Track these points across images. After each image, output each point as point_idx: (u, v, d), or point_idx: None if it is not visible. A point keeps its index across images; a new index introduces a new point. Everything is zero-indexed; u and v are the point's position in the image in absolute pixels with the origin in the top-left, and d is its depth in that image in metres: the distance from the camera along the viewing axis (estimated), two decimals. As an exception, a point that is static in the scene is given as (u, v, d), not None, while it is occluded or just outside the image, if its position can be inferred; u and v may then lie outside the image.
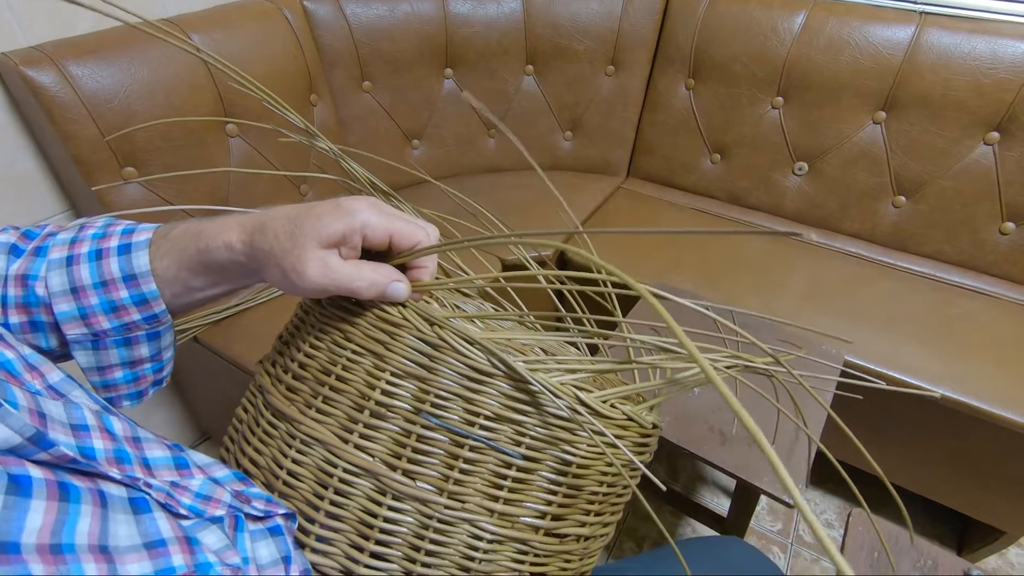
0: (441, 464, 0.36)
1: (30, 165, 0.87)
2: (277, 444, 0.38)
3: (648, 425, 0.42)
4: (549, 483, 0.38)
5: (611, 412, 0.39)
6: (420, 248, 0.37)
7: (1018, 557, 1.17)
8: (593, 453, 0.39)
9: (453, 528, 0.36)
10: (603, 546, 0.44)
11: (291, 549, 0.35)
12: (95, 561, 0.24)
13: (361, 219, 0.34)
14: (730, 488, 1.28)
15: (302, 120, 0.49)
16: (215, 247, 0.36)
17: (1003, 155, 1.08)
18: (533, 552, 0.38)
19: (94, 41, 0.84)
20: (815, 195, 1.28)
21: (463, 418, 0.36)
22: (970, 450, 0.98)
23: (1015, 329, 1.05)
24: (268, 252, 0.34)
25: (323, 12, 1.16)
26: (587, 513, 0.41)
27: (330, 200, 0.35)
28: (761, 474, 0.74)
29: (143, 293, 0.36)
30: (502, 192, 1.38)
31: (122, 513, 0.26)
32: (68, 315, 0.36)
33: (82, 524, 0.24)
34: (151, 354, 0.40)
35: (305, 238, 0.33)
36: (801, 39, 1.18)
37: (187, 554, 0.28)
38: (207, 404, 1.23)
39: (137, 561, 0.25)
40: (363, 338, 0.37)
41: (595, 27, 1.32)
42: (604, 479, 0.40)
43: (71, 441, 0.28)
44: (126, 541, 0.26)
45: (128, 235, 0.37)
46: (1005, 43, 1.03)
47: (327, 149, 0.50)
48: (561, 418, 0.37)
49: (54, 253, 0.37)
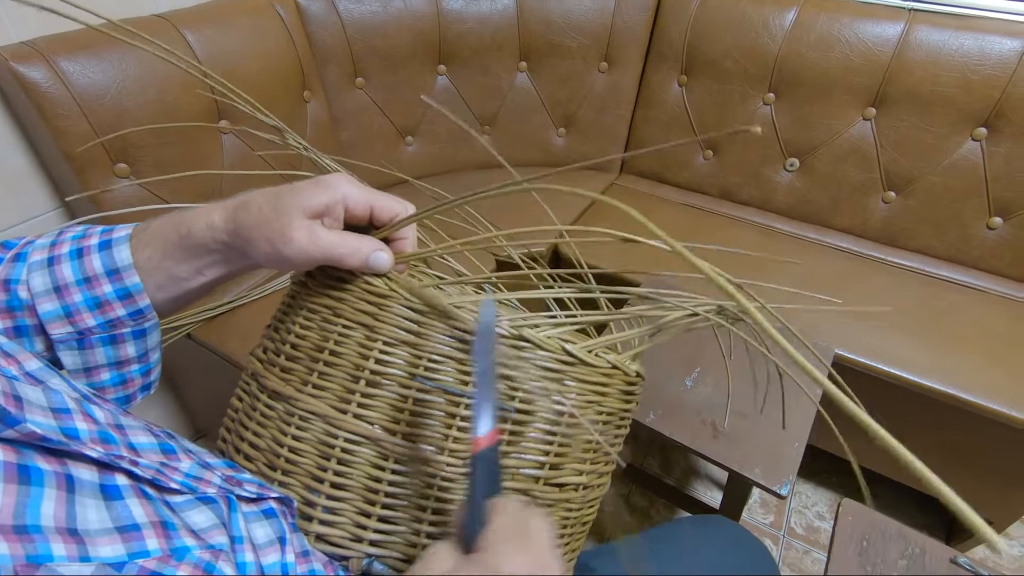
0: (440, 424, 0.37)
1: (21, 162, 0.87)
2: (276, 424, 0.39)
3: (632, 373, 0.43)
4: (544, 434, 0.39)
5: (596, 361, 0.40)
6: (399, 219, 0.38)
7: (1005, 547, 1.19)
8: (582, 403, 0.40)
9: (456, 485, 0.37)
10: (600, 496, 0.45)
11: (287, 531, 0.35)
12: (64, 542, 0.23)
13: (343, 191, 0.36)
14: (723, 481, 1.29)
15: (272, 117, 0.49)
16: (197, 229, 0.36)
17: (990, 151, 1.10)
18: (535, 503, 0.40)
19: (85, 37, 0.83)
20: (806, 191, 1.29)
21: (456, 378, 0.37)
22: (958, 441, 1.00)
23: (1003, 322, 1.06)
24: (253, 226, 0.35)
25: (316, 8, 1.16)
26: (583, 462, 0.42)
27: (310, 179, 0.36)
28: (752, 465, 0.75)
29: (127, 287, 0.36)
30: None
31: (91, 498, 0.26)
32: (52, 314, 0.36)
33: (46, 507, 0.24)
34: (138, 354, 0.40)
35: (290, 208, 0.35)
36: (792, 35, 1.19)
37: (162, 538, 0.27)
38: (201, 401, 1.23)
39: (110, 544, 0.25)
40: (353, 311, 0.38)
41: (588, 24, 1.33)
42: (595, 428, 0.42)
43: (52, 423, 0.27)
44: (96, 525, 0.25)
45: (108, 233, 0.37)
46: (992, 39, 1.05)
47: (298, 146, 0.51)
48: (550, 369, 0.38)
49: (34, 256, 0.36)
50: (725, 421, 0.80)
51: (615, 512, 1.25)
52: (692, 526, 0.62)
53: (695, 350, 0.91)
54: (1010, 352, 1.00)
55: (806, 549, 1.18)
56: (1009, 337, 1.03)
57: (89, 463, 0.28)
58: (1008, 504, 1.02)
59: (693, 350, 0.91)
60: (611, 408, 0.43)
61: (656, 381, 0.86)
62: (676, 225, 1.31)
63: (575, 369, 0.39)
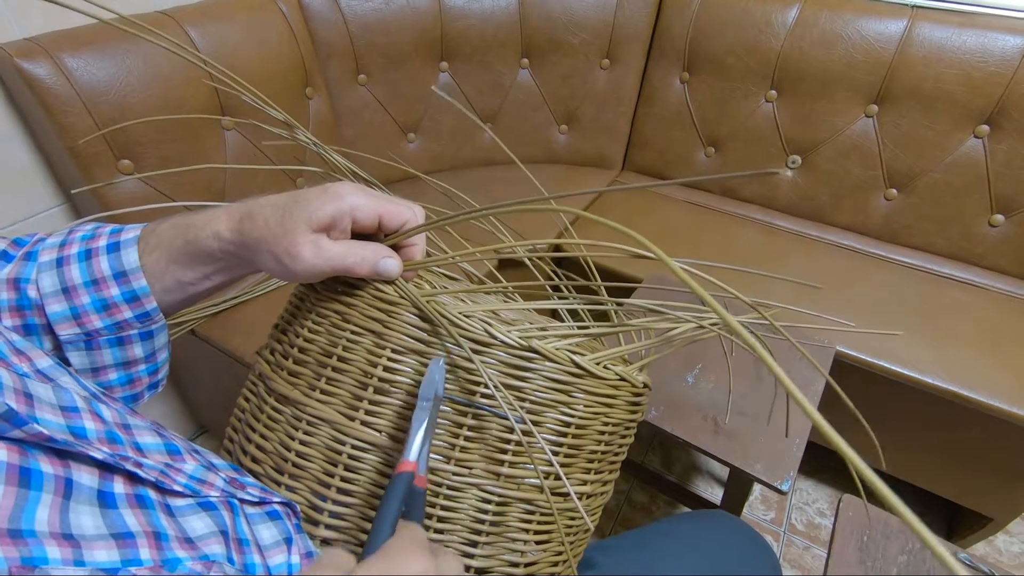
0: (447, 433, 0.37)
1: (25, 158, 0.87)
2: (283, 428, 0.39)
3: (639, 384, 0.43)
4: (551, 444, 0.39)
5: (604, 373, 0.40)
6: (408, 228, 0.37)
7: (1005, 544, 1.19)
8: (589, 414, 0.40)
9: (462, 493, 0.38)
10: (604, 504, 0.46)
11: (292, 532, 0.35)
12: (59, 546, 0.24)
13: (349, 201, 0.35)
14: (724, 478, 1.30)
15: (282, 112, 0.49)
16: (203, 237, 0.36)
17: (993, 148, 1.10)
18: (540, 511, 0.40)
19: (89, 33, 0.83)
20: (808, 188, 1.29)
21: (464, 388, 0.37)
22: (959, 438, 1.00)
23: (1004, 320, 1.06)
24: (259, 239, 0.35)
25: (318, 5, 1.16)
26: (588, 472, 0.42)
27: (317, 186, 0.36)
28: (753, 461, 0.75)
29: (134, 290, 0.37)
30: (498, 185, 1.38)
31: (87, 505, 0.26)
32: (60, 315, 0.36)
33: (40, 512, 0.24)
34: (145, 355, 0.40)
35: (295, 223, 0.34)
36: (794, 32, 1.18)
37: (154, 549, 0.27)
38: (205, 398, 1.24)
39: (105, 549, 0.25)
40: (362, 318, 0.38)
41: (590, 20, 1.33)
42: (601, 438, 0.42)
43: (60, 421, 0.28)
44: (92, 530, 0.26)
45: (117, 234, 0.37)
46: (994, 37, 1.05)
47: (307, 141, 0.51)
48: (558, 381, 0.38)
49: (44, 256, 0.37)
50: (726, 418, 0.81)
51: (617, 508, 1.26)
52: (693, 520, 0.62)
53: (696, 347, 0.91)
54: (1012, 349, 1.00)
55: (807, 545, 1.19)
56: (1011, 334, 1.03)
57: (91, 466, 0.28)
58: (1009, 501, 1.03)
59: (694, 347, 0.91)
60: (617, 419, 0.43)
61: (658, 378, 0.86)
62: (678, 223, 1.31)
63: (584, 381, 0.39)
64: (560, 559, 0.42)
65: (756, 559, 0.59)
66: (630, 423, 0.45)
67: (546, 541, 0.41)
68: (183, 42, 0.93)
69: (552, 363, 0.38)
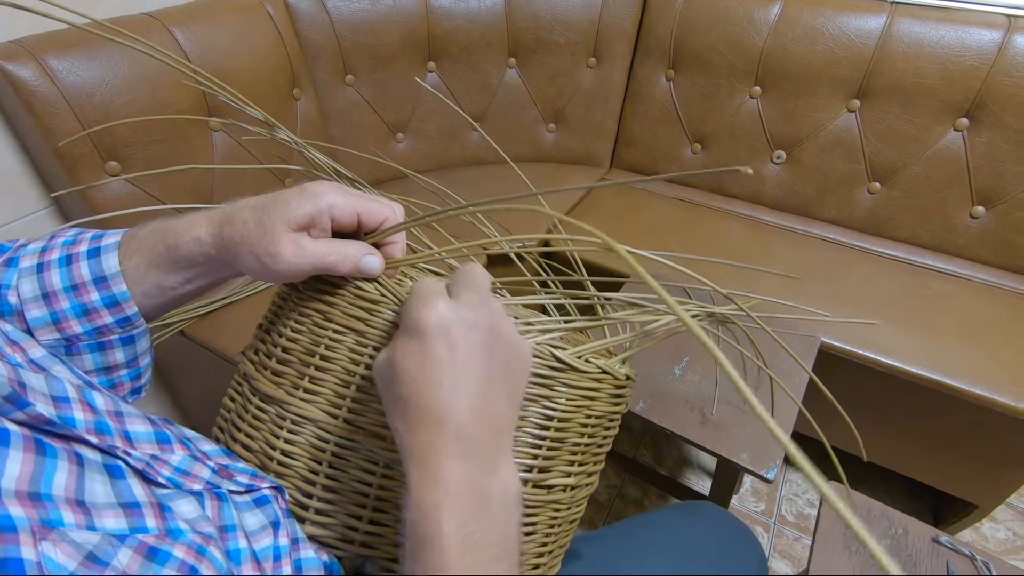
0: None
1: (11, 160, 0.87)
2: (268, 427, 0.39)
3: (622, 377, 0.44)
4: (534, 438, 0.40)
5: (586, 367, 0.41)
6: (388, 225, 0.38)
7: (991, 531, 1.21)
8: (572, 407, 0.41)
9: None
10: (588, 495, 0.46)
11: (280, 516, 0.36)
12: (73, 512, 0.24)
13: (327, 200, 0.35)
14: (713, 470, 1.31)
15: (260, 112, 0.49)
16: (184, 242, 0.36)
17: (972, 140, 1.11)
18: (524, 504, 0.40)
19: (75, 35, 0.84)
20: (793, 183, 1.31)
21: None
22: (944, 427, 1.02)
23: (986, 309, 1.08)
24: (238, 241, 0.35)
25: (305, 6, 1.17)
26: (571, 464, 0.43)
27: (295, 186, 0.36)
28: (739, 451, 0.76)
29: (114, 295, 0.37)
30: (486, 184, 1.39)
31: (98, 474, 0.27)
32: (40, 321, 0.36)
33: (59, 478, 0.25)
34: (127, 360, 0.40)
35: (274, 223, 0.34)
36: (777, 29, 1.20)
37: (159, 519, 0.28)
38: (195, 398, 1.24)
39: (114, 517, 0.26)
40: (343, 317, 0.38)
41: (576, 20, 1.34)
42: (585, 431, 0.43)
43: (52, 411, 0.28)
44: (103, 499, 0.26)
45: (98, 239, 0.38)
46: (971, 31, 1.06)
47: (287, 140, 0.51)
48: (539, 376, 0.39)
49: (25, 262, 0.37)
50: (713, 409, 0.82)
51: (609, 502, 1.27)
52: (678, 511, 0.63)
53: (683, 339, 0.92)
54: (993, 338, 1.01)
55: (796, 536, 1.20)
56: (992, 324, 1.05)
57: (91, 446, 0.29)
58: (993, 488, 1.04)
59: (682, 340, 0.92)
60: (600, 412, 0.43)
61: (645, 370, 0.87)
62: (667, 219, 1.32)
63: (565, 375, 0.40)
64: (545, 550, 0.43)
65: (740, 547, 0.59)
66: (614, 415, 0.46)
67: (531, 534, 0.41)
68: (169, 44, 0.93)
69: (534, 358, 0.38)
